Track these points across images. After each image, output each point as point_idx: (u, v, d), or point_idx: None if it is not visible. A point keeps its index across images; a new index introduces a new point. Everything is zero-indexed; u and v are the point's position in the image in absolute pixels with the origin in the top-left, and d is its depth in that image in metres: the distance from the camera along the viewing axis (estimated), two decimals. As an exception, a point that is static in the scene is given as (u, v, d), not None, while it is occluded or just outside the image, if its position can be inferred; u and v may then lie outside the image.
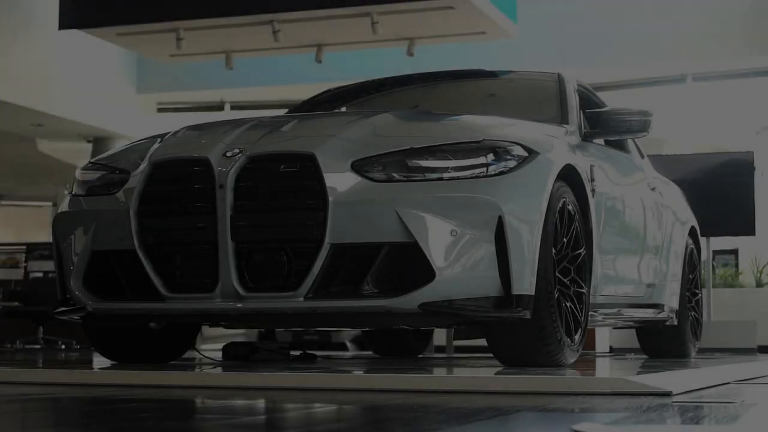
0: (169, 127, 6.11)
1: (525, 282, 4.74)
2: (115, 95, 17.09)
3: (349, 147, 4.81)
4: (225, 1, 13.54)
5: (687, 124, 16.43)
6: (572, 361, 5.17)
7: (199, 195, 4.82)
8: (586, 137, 6.06)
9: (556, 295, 4.99)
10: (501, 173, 4.80)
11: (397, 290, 4.66)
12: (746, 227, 10.86)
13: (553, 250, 5.00)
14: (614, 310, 6.27)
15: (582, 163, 5.52)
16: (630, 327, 7.86)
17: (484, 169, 4.79)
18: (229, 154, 4.83)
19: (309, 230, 4.67)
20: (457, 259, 4.63)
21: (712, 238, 11.82)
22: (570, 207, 5.21)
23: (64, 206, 5.43)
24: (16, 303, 13.37)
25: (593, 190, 5.61)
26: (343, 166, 4.73)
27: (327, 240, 4.64)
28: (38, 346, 13.21)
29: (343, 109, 7.04)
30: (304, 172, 4.72)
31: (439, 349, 10.37)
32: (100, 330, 5.64)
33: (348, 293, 4.72)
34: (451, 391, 3.75)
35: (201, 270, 4.84)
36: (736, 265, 14.95)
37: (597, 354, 9.52)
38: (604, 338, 10.18)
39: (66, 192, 5.63)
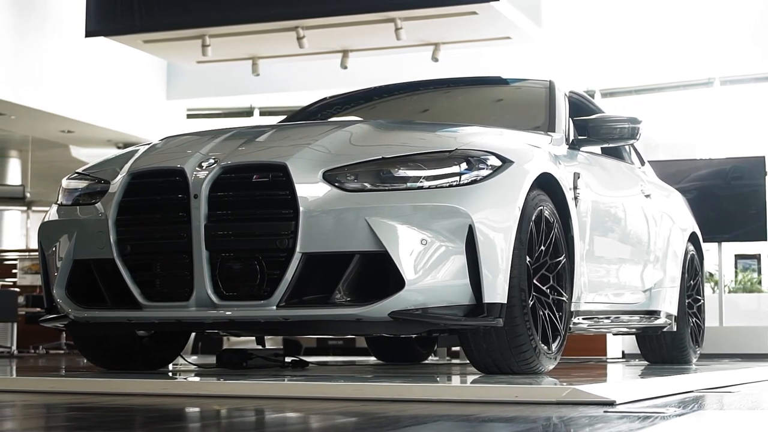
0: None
1: (497, 290, 4.77)
2: (145, 101, 17.26)
3: (322, 157, 4.87)
4: (249, 8, 13.64)
5: (715, 127, 16.35)
6: (550, 368, 5.19)
7: (175, 205, 4.90)
8: (574, 145, 6.09)
9: (531, 302, 5.02)
10: (473, 182, 4.83)
11: (368, 299, 4.71)
12: (758, 233, 10.80)
13: (529, 259, 5.03)
14: (603, 317, 6.27)
15: (563, 171, 5.54)
16: (626, 334, 7.85)
17: (457, 179, 4.82)
18: (204, 164, 4.90)
19: (281, 240, 4.72)
20: (427, 267, 4.67)
21: (734, 243, 11.78)
22: (547, 215, 5.23)
23: (49, 215, 5.53)
24: (39, 309, 13.54)
25: (576, 198, 5.63)
26: (315, 176, 4.78)
27: (298, 249, 4.70)
28: (61, 352, 13.36)
29: (341, 117, 7.09)
30: (276, 182, 4.78)
31: (455, 354, 10.40)
32: (87, 337, 5.72)
33: (320, 302, 4.78)
34: (397, 399, 3.79)
35: (177, 279, 4.91)
36: (759, 270, 14.85)
37: (609, 360, 9.51)
38: (616, 344, 10.16)
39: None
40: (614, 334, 8.56)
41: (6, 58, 14.64)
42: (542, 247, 5.20)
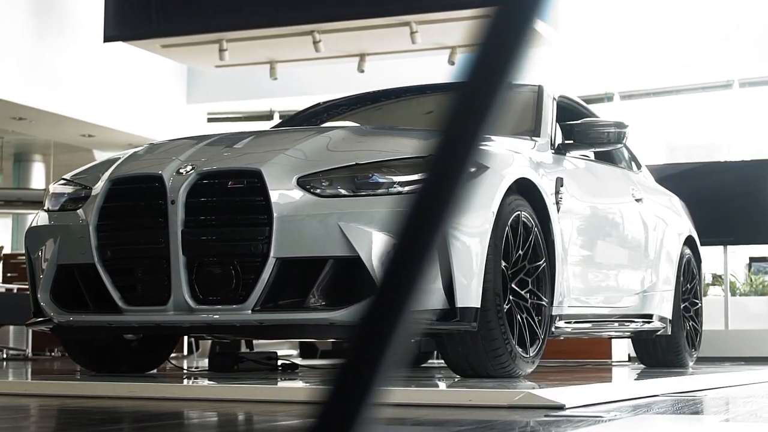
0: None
1: (470, 294, 4.82)
2: (166, 105, 17.36)
3: (297, 163, 4.93)
4: (265, 12, 13.70)
5: (735, 129, 16.30)
6: (528, 371, 5.22)
7: (153, 210, 4.98)
8: (560, 150, 6.12)
9: (507, 307, 5.05)
10: (447, 187, 4.87)
11: (342, 303, 4.77)
12: (763, 236, 10.77)
13: (505, 263, 5.07)
14: (590, 321, 6.28)
15: (545, 176, 5.57)
16: (618, 337, 7.87)
17: (431, 184, 4.86)
18: (182, 170, 4.98)
19: (255, 245, 4.80)
20: (399, 272, 4.71)
21: (747, 247, 11.74)
22: (526, 220, 5.26)
23: (36, 221, 5.62)
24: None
25: (557, 203, 5.65)
26: (289, 182, 4.85)
27: (272, 254, 4.77)
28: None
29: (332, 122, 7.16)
30: (251, 188, 4.85)
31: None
32: (74, 340, 5.81)
33: (294, 306, 4.84)
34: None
35: (155, 283, 5.00)
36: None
37: (613, 363, 9.52)
38: (622, 347, 10.14)
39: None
40: (610, 338, 8.58)
41: (26, 63, 14.78)
42: (520, 252, 5.23)
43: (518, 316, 5.18)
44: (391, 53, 14.88)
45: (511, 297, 5.14)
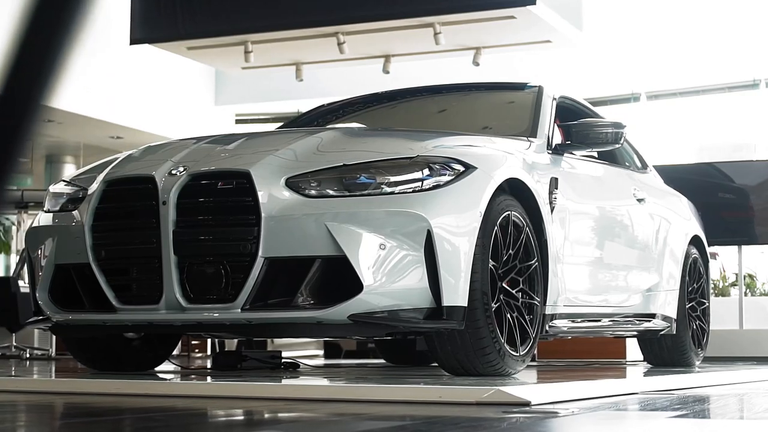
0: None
1: (457, 293, 4.87)
2: (194, 107, 17.49)
3: (286, 164, 5.01)
4: (290, 14, 13.78)
5: (762, 129, 16.24)
6: (518, 370, 5.26)
7: (146, 211, 5.07)
8: (557, 150, 6.16)
9: (496, 305, 5.10)
10: (434, 188, 4.93)
11: (329, 302, 4.83)
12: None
13: (494, 262, 5.11)
14: (587, 321, 6.32)
15: (538, 176, 5.62)
16: (621, 336, 7.88)
17: (419, 184, 4.93)
18: (174, 172, 5.06)
19: (244, 245, 4.87)
20: (386, 271, 4.78)
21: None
22: (516, 219, 5.31)
23: (35, 221, 5.73)
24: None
25: (551, 203, 5.69)
26: (278, 183, 4.92)
27: (261, 254, 4.84)
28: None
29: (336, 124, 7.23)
30: (240, 188, 4.93)
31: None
32: (75, 339, 5.91)
33: (282, 305, 4.91)
34: (332, 400, 3.90)
35: (148, 283, 5.08)
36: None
37: (628, 363, 9.54)
38: (637, 347, 10.14)
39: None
40: (614, 337, 8.60)
41: (54, 66, 14.92)
42: (510, 251, 5.28)
43: (508, 315, 5.22)
44: (415, 54, 14.93)
45: (501, 296, 5.18)
